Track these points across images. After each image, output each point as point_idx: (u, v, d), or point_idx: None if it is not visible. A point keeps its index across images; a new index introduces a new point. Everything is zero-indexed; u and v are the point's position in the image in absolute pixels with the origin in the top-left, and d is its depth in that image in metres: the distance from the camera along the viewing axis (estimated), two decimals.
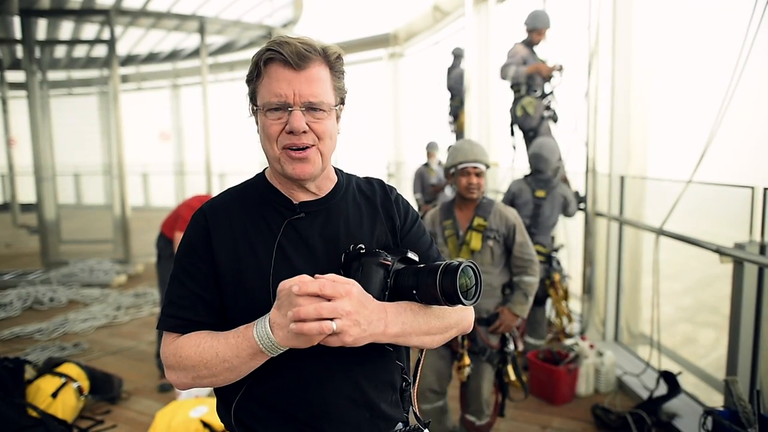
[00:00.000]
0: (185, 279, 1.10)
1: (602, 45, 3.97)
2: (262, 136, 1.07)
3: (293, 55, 1.00)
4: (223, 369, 1.01)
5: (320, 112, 1.04)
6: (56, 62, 10.36)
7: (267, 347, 0.96)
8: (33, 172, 7.43)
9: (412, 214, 1.26)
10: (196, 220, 1.14)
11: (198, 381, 1.05)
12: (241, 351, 0.98)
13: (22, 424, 2.83)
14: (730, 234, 2.97)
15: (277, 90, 1.02)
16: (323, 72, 1.05)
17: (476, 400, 2.64)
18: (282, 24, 9.32)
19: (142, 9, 8.04)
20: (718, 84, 2.86)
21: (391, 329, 1.01)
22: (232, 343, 0.99)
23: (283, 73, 1.02)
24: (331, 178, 1.19)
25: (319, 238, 1.12)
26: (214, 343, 1.02)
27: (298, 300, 0.90)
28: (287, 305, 0.92)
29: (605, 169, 4.10)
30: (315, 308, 0.90)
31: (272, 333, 0.94)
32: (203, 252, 1.10)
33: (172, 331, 1.09)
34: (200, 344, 1.03)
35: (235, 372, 1.02)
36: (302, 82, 1.02)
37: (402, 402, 1.20)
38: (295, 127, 1.01)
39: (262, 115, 1.05)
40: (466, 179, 2.53)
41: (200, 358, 1.02)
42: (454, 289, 0.96)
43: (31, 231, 10.00)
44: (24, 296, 5.94)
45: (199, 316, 1.08)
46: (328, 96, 1.05)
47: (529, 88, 4.31)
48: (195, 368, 1.03)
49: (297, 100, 1.02)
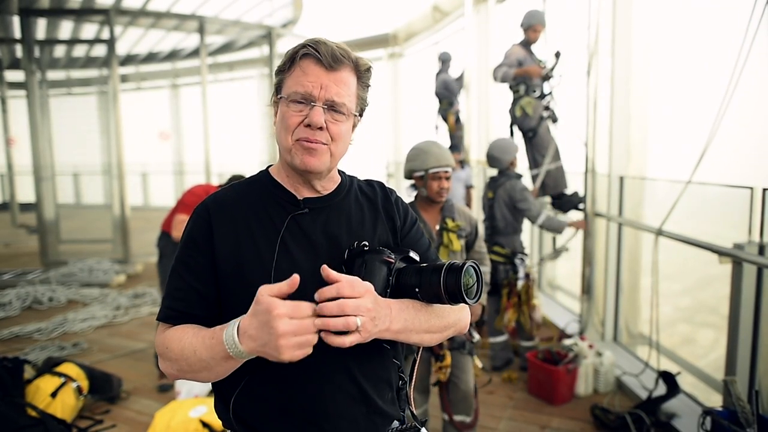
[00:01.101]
0: (183, 271, 1.12)
1: (602, 45, 3.97)
2: (280, 125, 1.10)
3: (328, 55, 1.05)
4: (200, 367, 1.02)
5: (340, 114, 1.08)
6: (56, 62, 10.36)
7: (235, 353, 0.95)
8: (32, 172, 7.43)
9: (411, 216, 1.29)
10: (199, 213, 1.15)
11: (182, 374, 1.07)
12: (215, 353, 0.98)
13: (21, 424, 2.83)
14: (729, 234, 2.97)
15: (304, 83, 1.05)
16: (351, 78, 1.10)
17: (465, 398, 2.64)
18: (282, 24, 9.33)
19: (141, 9, 8.05)
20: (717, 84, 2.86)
21: (394, 325, 1.03)
22: (207, 343, 1.00)
23: (315, 70, 1.06)
24: (335, 179, 1.21)
25: (322, 234, 1.13)
26: (194, 340, 1.02)
27: (278, 322, 0.88)
28: (264, 321, 0.89)
29: (604, 170, 4.11)
30: (338, 305, 0.91)
31: (240, 342, 0.93)
32: (203, 245, 1.11)
33: (165, 321, 1.11)
34: (182, 339, 1.04)
35: (213, 372, 1.02)
36: (330, 82, 1.06)
37: (398, 400, 1.22)
38: (314, 121, 1.04)
39: (284, 105, 1.08)
40: (437, 183, 2.53)
41: (181, 353, 1.03)
42: (458, 288, 0.99)
43: (31, 230, 10.00)
44: (23, 296, 5.94)
45: (192, 308, 1.10)
46: (350, 101, 1.09)
47: (527, 88, 4.31)
48: (177, 362, 1.05)
49: (321, 96, 1.05)
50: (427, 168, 2.53)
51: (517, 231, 3.94)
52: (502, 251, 3.87)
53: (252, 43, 9.73)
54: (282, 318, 0.88)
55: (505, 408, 3.46)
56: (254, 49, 10.23)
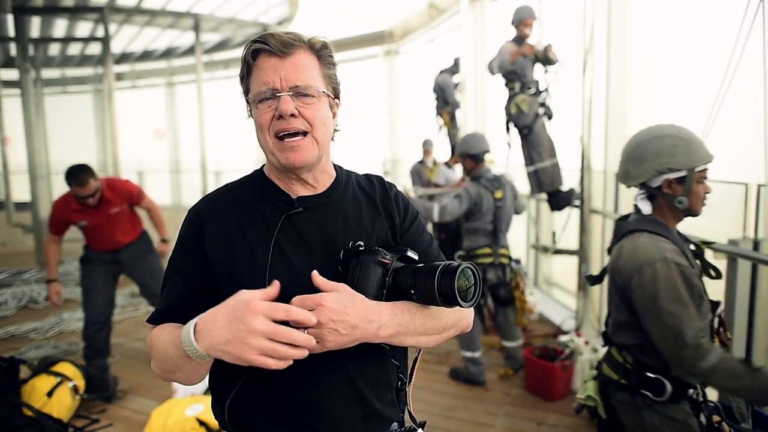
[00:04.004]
0: (173, 276, 1.12)
1: (597, 42, 3.97)
2: (257, 128, 1.08)
3: (277, 43, 1.03)
4: (172, 366, 1.00)
5: (309, 97, 1.05)
6: (50, 60, 10.31)
7: (191, 351, 0.91)
8: (27, 171, 7.40)
9: (411, 212, 1.25)
10: (191, 219, 1.13)
11: (165, 374, 1.06)
12: (180, 352, 0.93)
13: (17, 424, 2.82)
14: (724, 230, 2.98)
15: (264, 78, 1.04)
16: (309, 59, 1.07)
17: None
18: (277, 21, 9.29)
19: (136, 6, 8.01)
20: (712, 80, 2.87)
21: (384, 331, 1.00)
22: (175, 342, 0.96)
23: (270, 62, 1.04)
24: (329, 173, 1.18)
25: (317, 234, 1.11)
26: (167, 338, 1.01)
27: (254, 319, 0.84)
28: (237, 315, 0.86)
29: (600, 166, 4.11)
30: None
31: (195, 340, 0.90)
32: (194, 252, 1.10)
33: (152, 323, 1.12)
34: (160, 337, 1.04)
35: (184, 372, 1.00)
36: (288, 68, 1.04)
37: (398, 402, 1.20)
38: (283, 110, 1.02)
39: (255, 107, 1.07)
40: (703, 188, 1.81)
41: (158, 352, 1.03)
42: (452, 291, 0.95)
43: (26, 230, 9.95)
44: (19, 295, 5.92)
45: (179, 314, 1.08)
46: (316, 82, 1.07)
47: (523, 85, 4.31)
48: (159, 361, 1.04)
49: (284, 85, 1.03)
50: (694, 165, 1.73)
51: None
52: (507, 252, 3.84)
53: (247, 41, 9.70)
54: (258, 316, 0.84)
55: (502, 404, 3.47)
56: None
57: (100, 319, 3.66)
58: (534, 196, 5.01)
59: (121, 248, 3.72)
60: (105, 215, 3.58)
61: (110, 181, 3.72)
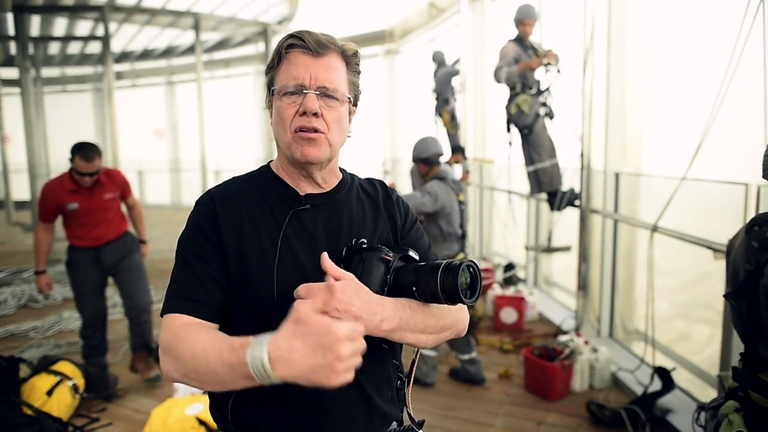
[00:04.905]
0: (193, 261, 1.07)
1: (597, 42, 3.97)
2: (276, 120, 1.10)
3: (313, 42, 1.05)
4: (210, 379, 0.94)
5: (333, 100, 1.07)
6: (50, 59, 10.32)
7: (262, 379, 0.86)
8: (27, 170, 7.40)
9: (411, 216, 1.29)
10: (204, 203, 1.12)
11: (187, 380, 0.98)
12: (235, 373, 0.89)
13: (17, 423, 2.82)
14: (724, 230, 2.98)
15: (294, 73, 1.06)
16: (339, 63, 1.10)
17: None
18: (277, 21, 9.30)
19: (136, 5, 8.02)
20: (712, 80, 2.87)
21: (387, 324, 1.01)
22: (225, 359, 0.90)
23: (302, 59, 1.06)
24: (336, 174, 1.21)
25: (323, 231, 1.13)
26: (208, 348, 0.93)
27: (342, 346, 0.82)
28: (322, 344, 0.82)
29: (600, 166, 4.12)
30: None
31: (271, 368, 0.84)
32: (211, 233, 1.08)
33: (177, 312, 1.03)
34: (195, 343, 0.96)
35: (225, 387, 0.94)
36: (319, 68, 1.06)
37: (398, 401, 1.21)
38: (309, 107, 1.04)
39: (278, 99, 1.08)
40: None
41: (191, 359, 0.95)
42: (455, 288, 0.98)
43: (26, 228, 9.95)
44: (19, 294, 5.92)
45: (209, 297, 1.04)
46: (342, 86, 1.09)
47: (524, 86, 4.31)
48: (184, 365, 0.96)
49: (312, 83, 1.05)
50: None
51: None
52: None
53: (247, 40, 9.71)
54: (344, 342, 0.82)
55: (501, 404, 3.47)
56: (250, 46, 10.22)
57: (96, 321, 3.63)
58: (534, 196, 5.01)
59: (104, 245, 3.59)
60: (98, 199, 3.50)
61: (107, 169, 3.68)
